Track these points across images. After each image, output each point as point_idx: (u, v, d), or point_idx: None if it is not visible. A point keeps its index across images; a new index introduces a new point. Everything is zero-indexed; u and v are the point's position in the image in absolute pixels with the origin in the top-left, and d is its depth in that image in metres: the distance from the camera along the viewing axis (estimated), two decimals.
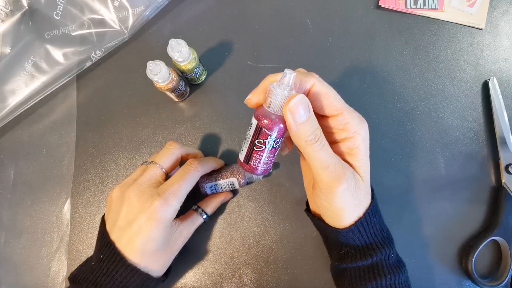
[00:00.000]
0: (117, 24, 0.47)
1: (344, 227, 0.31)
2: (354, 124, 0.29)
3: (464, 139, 0.45)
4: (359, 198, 0.30)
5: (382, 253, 0.32)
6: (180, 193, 0.34)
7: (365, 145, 0.30)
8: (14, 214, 0.45)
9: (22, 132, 0.48)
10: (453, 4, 0.48)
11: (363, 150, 0.29)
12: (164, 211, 0.33)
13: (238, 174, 0.41)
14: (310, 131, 0.26)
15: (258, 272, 0.43)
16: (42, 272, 0.44)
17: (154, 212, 0.33)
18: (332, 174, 0.28)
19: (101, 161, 0.46)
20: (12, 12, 0.47)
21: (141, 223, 0.33)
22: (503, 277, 0.41)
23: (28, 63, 0.46)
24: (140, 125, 0.47)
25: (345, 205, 0.30)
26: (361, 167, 0.30)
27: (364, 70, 0.47)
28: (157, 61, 0.39)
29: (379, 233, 0.33)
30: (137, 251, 0.34)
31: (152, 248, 0.34)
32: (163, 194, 0.34)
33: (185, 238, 0.38)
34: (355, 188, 0.29)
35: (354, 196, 0.29)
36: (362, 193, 0.30)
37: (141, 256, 0.34)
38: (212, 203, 0.41)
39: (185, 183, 0.35)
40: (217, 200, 0.42)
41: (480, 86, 0.46)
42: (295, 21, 0.49)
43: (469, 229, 0.43)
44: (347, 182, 0.28)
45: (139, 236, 0.33)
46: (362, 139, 0.29)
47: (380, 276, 0.31)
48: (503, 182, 0.43)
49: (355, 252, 0.32)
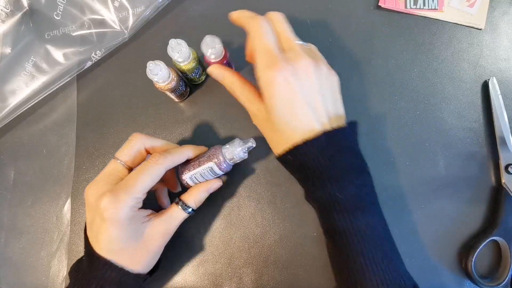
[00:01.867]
0: (117, 24, 0.47)
1: (277, 156, 0.36)
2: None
3: (464, 139, 0.45)
4: (272, 133, 0.36)
5: (343, 182, 0.32)
6: (133, 188, 0.32)
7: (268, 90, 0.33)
8: (14, 214, 0.45)
9: (22, 132, 0.48)
10: (453, 4, 0.48)
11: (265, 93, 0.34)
12: (113, 209, 0.31)
13: (216, 157, 0.37)
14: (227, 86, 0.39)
15: (258, 272, 0.43)
16: (42, 272, 0.44)
17: (104, 212, 0.31)
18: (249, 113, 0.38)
19: (101, 161, 0.46)
20: (12, 12, 0.47)
21: (98, 224, 0.32)
22: (503, 277, 0.41)
23: (28, 63, 0.46)
24: (140, 125, 0.47)
25: (267, 138, 0.37)
26: (267, 106, 0.34)
27: (364, 70, 0.47)
28: (157, 61, 0.39)
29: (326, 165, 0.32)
30: (104, 250, 0.33)
31: (117, 247, 0.33)
32: (114, 190, 0.32)
33: (163, 234, 0.35)
34: (265, 124, 0.36)
35: (267, 130, 0.36)
36: (273, 129, 0.35)
37: (109, 253, 0.33)
38: (193, 194, 0.37)
39: (141, 177, 0.33)
40: (200, 190, 0.37)
41: (480, 86, 0.46)
42: (295, 21, 0.49)
43: (469, 229, 0.43)
44: (253, 118, 0.37)
45: (100, 236, 0.32)
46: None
47: (337, 214, 0.32)
48: (503, 182, 0.43)
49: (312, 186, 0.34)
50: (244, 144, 0.37)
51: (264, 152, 0.45)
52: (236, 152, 0.37)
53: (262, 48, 0.34)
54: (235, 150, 0.37)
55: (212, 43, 0.39)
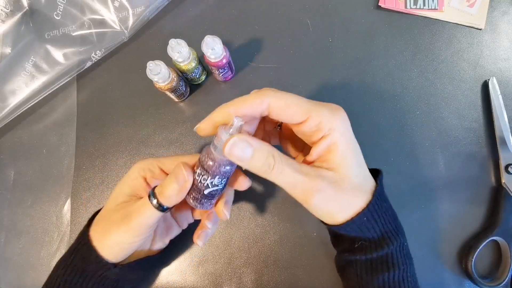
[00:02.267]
0: (117, 24, 0.47)
1: (340, 224, 0.30)
2: (326, 121, 0.27)
3: (464, 139, 0.45)
4: (345, 198, 0.29)
5: (398, 241, 0.30)
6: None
7: (345, 138, 0.28)
8: (14, 214, 0.45)
9: (22, 132, 0.48)
10: (453, 4, 0.48)
11: (341, 144, 0.28)
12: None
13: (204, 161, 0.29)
14: (260, 164, 0.26)
15: (258, 272, 0.43)
16: (42, 272, 0.44)
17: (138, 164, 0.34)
18: (301, 191, 0.27)
19: (101, 161, 0.46)
20: (12, 12, 0.47)
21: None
22: (503, 277, 0.41)
23: (28, 63, 0.46)
24: (140, 125, 0.47)
25: (328, 210, 0.29)
26: (341, 163, 0.28)
27: (364, 70, 0.47)
28: (157, 61, 0.39)
29: (392, 221, 0.31)
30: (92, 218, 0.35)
31: (99, 217, 0.34)
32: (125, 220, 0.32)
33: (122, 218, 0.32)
34: (335, 192, 0.28)
35: (336, 200, 0.28)
36: (347, 191, 0.29)
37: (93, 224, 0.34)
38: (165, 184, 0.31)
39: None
40: (170, 180, 0.31)
41: (480, 86, 0.46)
42: (295, 21, 0.49)
43: (469, 229, 0.43)
44: (320, 193, 0.27)
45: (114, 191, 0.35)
46: (339, 134, 0.28)
47: (394, 268, 0.30)
48: (503, 182, 0.43)
49: (369, 244, 0.31)
50: (229, 128, 0.27)
51: None
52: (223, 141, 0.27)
53: (300, 100, 0.28)
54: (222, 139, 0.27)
55: (212, 43, 0.39)
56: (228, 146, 0.26)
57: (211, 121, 0.29)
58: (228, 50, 0.42)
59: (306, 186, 0.27)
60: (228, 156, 0.26)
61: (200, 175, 0.29)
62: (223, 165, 0.29)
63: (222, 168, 0.29)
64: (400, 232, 0.31)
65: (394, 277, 0.30)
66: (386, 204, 0.31)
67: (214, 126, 0.28)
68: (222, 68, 0.42)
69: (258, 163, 0.26)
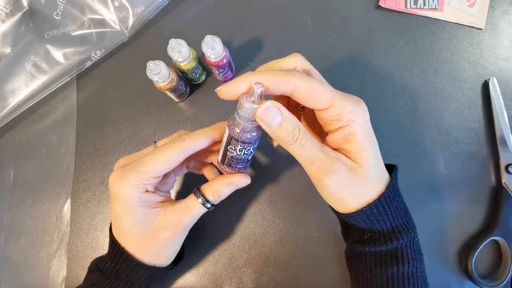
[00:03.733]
0: (117, 24, 0.47)
1: (350, 212, 0.30)
2: (347, 113, 0.28)
3: (464, 139, 0.45)
4: (358, 185, 0.29)
5: (408, 236, 0.30)
6: (141, 168, 0.30)
7: (364, 130, 0.29)
8: (14, 214, 0.45)
9: (22, 132, 0.48)
10: (453, 4, 0.48)
11: (360, 135, 0.28)
12: (118, 185, 0.30)
13: (231, 128, 0.30)
14: (286, 134, 0.27)
15: (258, 272, 0.43)
16: (42, 272, 0.44)
17: (110, 186, 0.31)
18: (318, 169, 0.28)
19: (101, 161, 0.46)
20: (12, 12, 0.47)
21: (111, 201, 0.32)
22: (503, 277, 0.41)
23: (28, 63, 0.46)
24: (140, 125, 0.47)
25: (340, 194, 0.29)
26: (358, 153, 0.29)
27: (364, 70, 0.47)
28: (157, 61, 0.39)
29: (403, 215, 0.31)
30: (115, 229, 0.33)
31: (123, 228, 0.32)
32: (125, 167, 0.31)
33: (175, 225, 0.32)
34: (350, 178, 0.28)
35: (350, 185, 0.29)
36: (362, 179, 0.29)
37: (118, 234, 0.33)
38: (212, 186, 0.33)
39: (153, 159, 0.31)
40: (220, 182, 0.33)
41: (480, 86, 0.46)
42: (295, 21, 0.49)
43: (469, 229, 0.43)
44: (336, 174, 0.28)
45: (111, 213, 0.32)
46: (358, 125, 0.28)
47: (404, 262, 0.30)
48: (503, 182, 0.43)
49: (379, 236, 0.31)
50: (251, 96, 0.27)
51: (264, 152, 0.45)
52: (248, 108, 0.27)
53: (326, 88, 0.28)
54: (245, 106, 0.27)
55: (212, 43, 0.39)
56: (260, 109, 0.26)
57: (234, 87, 0.28)
58: (228, 50, 0.42)
59: (324, 164, 0.28)
60: (258, 119, 0.27)
61: (229, 142, 0.30)
62: (249, 132, 0.29)
63: (247, 135, 0.29)
64: (411, 227, 0.31)
65: (403, 272, 0.30)
66: (399, 198, 0.31)
67: (235, 93, 0.28)
68: (222, 68, 0.42)
69: (284, 132, 0.27)
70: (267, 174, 0.45)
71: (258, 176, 0.45)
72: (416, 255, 0.31)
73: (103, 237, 0.44)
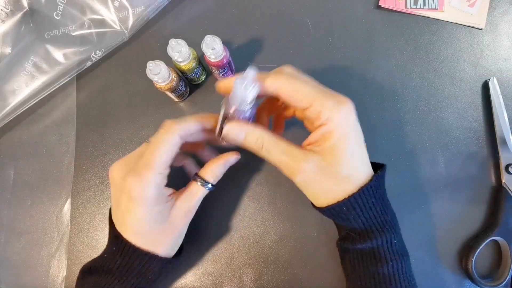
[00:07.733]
0: (117, 24, 0.47)
1: (321, 207, 0.32)
2: (325, 112, 0.29)
3: (464, 139, 0.45)
4: (326, 183, 0.30)
5: (382, 238, 0.31)
6: (153, 164, 0.31)
7: (341, 130, 0.29)
8: (14, 214, 0.45)
9: (22, 132, 0.48)
10: (453, 4, 0.48)
11: (336, 135, 0.29)
12: (139, 187, 0.30)
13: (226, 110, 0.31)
14: (252, 144, 0.31)
15: (258, 272, 0.43)
16: (42, 272, 0.44)
17: (130, 191, 0.31)
18: (285, 169, 0.31)
19: (101, 161, 0.46)
20: (12, 12, 0.47)
21: (125, 203, 0.32)
22: (503, 277, 0.41)
23: (28, 63, 0.46)
24: (140, 125, 0.47)
25: (311, 190, 0.32)
26: (331, 152, 0.29)
27: (364, 70, 0.47)
28: (157, 61, 0.39)
29: (379, 216, 0.32)
30: (130, 232, 0.32)
31: (143, 229, 0.32)
32: (137, 168, 0.31)
33: (186, 212, 0.34)
34: (317, 176, 0.30)
35: (318, 182, 0.30)
36: (331, 178, 0.30)
37: (136, 236, 0.32)
38: (210, 169, 0.35)
39: (157, 150, 0.31)
40: (216, 164, 0.35)
41: (480, 86, 0.46)
42: (295, 21, 0.49)
43: (469, 229, 0.43)
44: (301, 174, 0.30)
45: (127, 216, 0.32)
46: (335, 125, 0.29)
47: (382, 262, 0.31)
48: (503, 182, 0.43)
49: (354, 234, 0.32)
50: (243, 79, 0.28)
51: None
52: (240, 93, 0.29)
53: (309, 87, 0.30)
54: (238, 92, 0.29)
55: (212, 43, 0.39)
56: (225, 131, 0.32)
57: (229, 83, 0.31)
58: (228, 50, 0.42)
59: (289, 166, 0.31)
60: (226, 139, 0.32)
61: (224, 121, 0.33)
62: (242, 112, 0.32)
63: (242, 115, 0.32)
64: (387, 229, 0.32)
65: (383, 271, 0.31)
66: (375, 200, 0.31)
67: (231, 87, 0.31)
68: (222, 68, 0.42)
69: (249, 143, 0.32)
70: (267, 174, 0.45)
71: (258, 176, 0.45)
72: (396, 256, 0.32)
73: (103, 237, 0.44)
